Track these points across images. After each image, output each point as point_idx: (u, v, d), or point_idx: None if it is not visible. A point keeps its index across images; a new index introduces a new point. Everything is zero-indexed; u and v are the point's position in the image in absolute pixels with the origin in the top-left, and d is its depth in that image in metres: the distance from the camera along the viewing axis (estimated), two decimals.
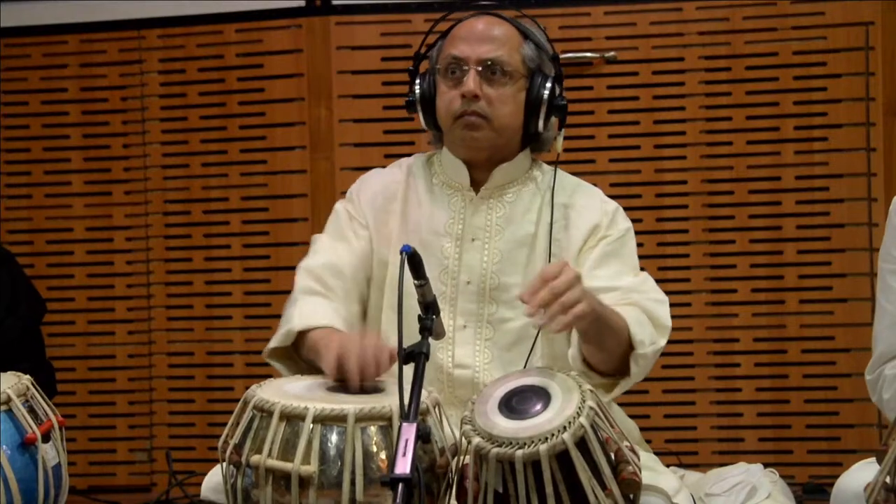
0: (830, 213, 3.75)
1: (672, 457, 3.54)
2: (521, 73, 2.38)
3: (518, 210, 2.44)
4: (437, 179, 2.49)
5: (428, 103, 2.43)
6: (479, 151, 2.42)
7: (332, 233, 2.51)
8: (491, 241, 2.42)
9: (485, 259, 2.41)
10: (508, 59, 2.37)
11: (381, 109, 3.87)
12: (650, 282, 2.40)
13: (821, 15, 3.74)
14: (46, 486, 2.22)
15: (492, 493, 1.89)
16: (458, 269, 2.42)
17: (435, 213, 2.46)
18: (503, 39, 2.38)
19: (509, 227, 2.43)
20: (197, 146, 4.00)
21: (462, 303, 2.41)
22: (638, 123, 3.83)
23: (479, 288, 2.41)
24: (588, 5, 3.83)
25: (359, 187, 2.54)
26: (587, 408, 1.90)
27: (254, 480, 1.93)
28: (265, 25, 3.95)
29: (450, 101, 2.38)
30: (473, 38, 2.38)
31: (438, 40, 2.46)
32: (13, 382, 2.26)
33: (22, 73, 4.06)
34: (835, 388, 3.74)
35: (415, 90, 2.44)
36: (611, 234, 2.42)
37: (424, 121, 2.46)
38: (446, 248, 2.43)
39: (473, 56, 2.37)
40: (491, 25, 2.40)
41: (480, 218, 2.44)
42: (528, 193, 2.45)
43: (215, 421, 3.93)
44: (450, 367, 2.39)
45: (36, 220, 4.07)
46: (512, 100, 2.38)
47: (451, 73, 2.39)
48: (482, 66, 2.36)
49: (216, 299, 3.99)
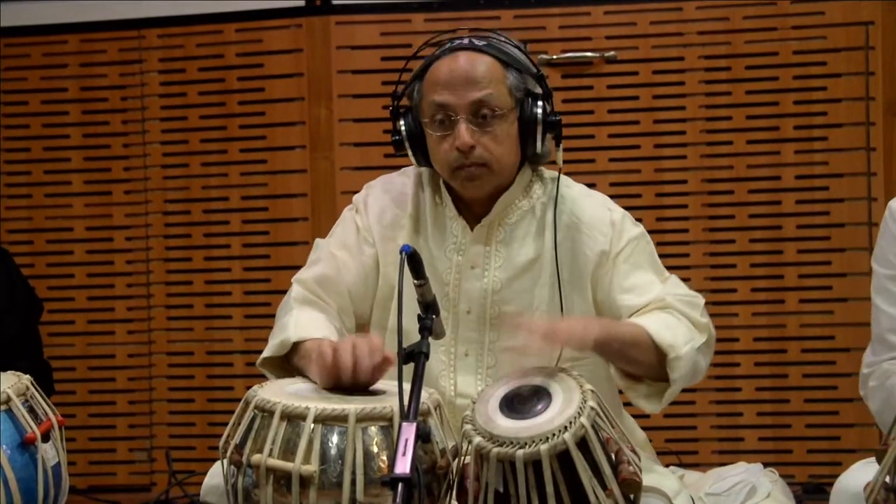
0: (830, 212, 3.75)
1: (672, 456, 3.54)
2: (510, 106, 2.29)
3: (518, 234, 2.37)
4: (439, 199, 2.42)
5: (416, 140, 2.34)
6: (483, 194, 2.35)
7: (338, 241, 2.44)
8: (490, 268, 2.36)
9: (485, 287, 2.36)
10: (496, 98, 2.27)
11: (381, 109, 3.82)
12: (680, 284, 2.36)
13: (821, 15, 3.74)
14: (46, 486, 2.22)
15: (492, 492, 1.88)
16: (458, 298, 2.36)
17: (439, 234, 2.40)
18: (487, 78, 2.28)
19: (508, 253, 2.37)
20: (197, 146, 4.00)
21: (463, 331, 2.36)
22: (638, 123, 3.83)
23: (479, 316, 2.35)
24: (588, 5, 3.83)
25: (366, 199, 2.46)
26: (588, 408, 1.90)
27: (254, 480, 1.93)
28: (265, 25, 3.95)
29: (445, 153, 2.30)
30: (457, 84, 2.27)
31: (415, 79, 2.35)
32: (13, 382, 2.26)
33: (22, 73, 4.06)
34: (834, 387, 3.74)
35: (400, 129, 2.34)
36: (623, 247, 2.34)
37: (415, 160, 2.37)
38: (446, 273, 2.37)
39: (461, 104, 2.26)
40: (472, 63, 2.28)
41: (479, 246, 2.37)
42: (528, 214, 2.38)
43: (215, 421, 3.93)
44: (452, 396, 2.35)
45: (36, 220, 4.07)
46: (506, 138, 2.30)
47: (439, 123, 2.30)
48: (470, 114, 2.27)
49: (216, 299, 3.99)
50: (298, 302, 2.37)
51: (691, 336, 2.25)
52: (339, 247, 2.43)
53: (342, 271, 2.39)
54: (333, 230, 2.48)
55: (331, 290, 2.38)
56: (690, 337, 2.24)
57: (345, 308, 2.39)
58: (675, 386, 2.24)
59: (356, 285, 2.39)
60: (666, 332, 2.20)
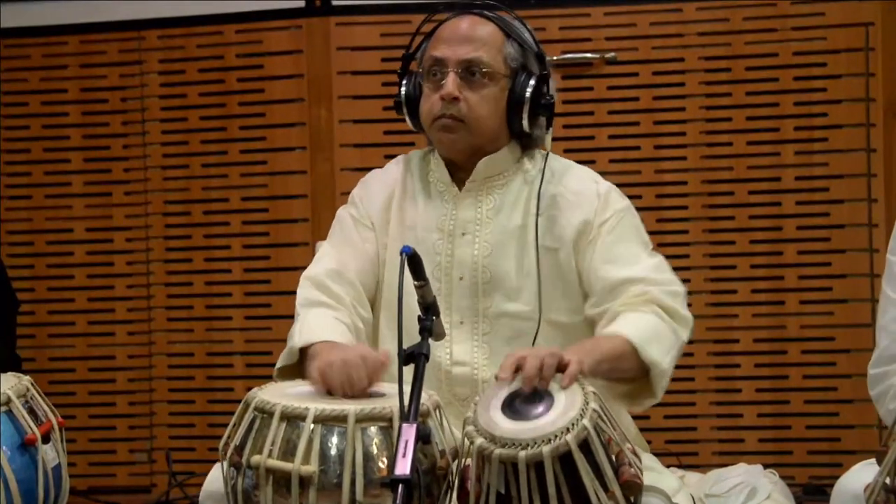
0: (830, 213, 3.75)
1: (672, 457, 3.54)
2: (502, 73, 2.36)
3: (507, 200, 2.41)
4: (432, 176, 2.47)
5: (413, 104, 2.42)
6: (458, 153, 2.40)
7: (337, 239, 2.48)
8: (480, 234, 2.40)
9: (475, 252, 2.39)
10: (488, 60, 2.35)
11: (381, 110, 3.86)
12: (665, 269, 2.36)
13: (821, 15, 3.74)
14: (46, 487, 2.22)
15: (494, 494, 1.88)
16: (451, 265, 2.39)
17: (429, 210, 2.44)
18: (484, 39, 2.37)
19: (497, 219, 2.40)
20: (197, 147, 4.00)
21: (457, 299, 2.39)
22: (638, 124, 3.83)
23: (471, 282, 2.38)
24: (588, 6, 3.83)
25: (360, 190, 2.53)
26: (590, 410, 1.90)
27: (254, 481, 1.93)
28: (265, 26, 3.95)
29: (431, 104, 2.37)
30: (454, 40, 2.37)
31: (424, 41, 2.45)
32: (13, 383, 2.26)
33: (22, 73, 4.06)
34: (835, 388, 3.74)
35: (401, 92, 2.44)
36: (608, 217, 2.37)
37: (411, 122, 2.45)
38: (438, 244, 2.41)
39: (453, 58, 2.35)
40: (473, 25, 2.38)
41: (469, 211, 2.41)
42: (517, 184, 2.42)
43: (215, 422, 3.93)
44: (448, 365, 2.36)
45: (36, 221, 4.06)
46: (492, 101, 2.36)
47: (433, 76, 2.38)
48: (461, 68, 2.35)
49: (216, 300, 3.99)
50: (305, 306, 2.38)
51: (675, 339, 2.26)
52: (339, 241, 2.47)
53: (348, 263, 2.42)
54: (332, 230, 2.52)
55: (343, 281, 2.40)
56: (675, 341, 2.26)
57: (358, 298, 2.41)
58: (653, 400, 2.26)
59: (364, 273, 2.43)
60: (652, 346, 2.20)
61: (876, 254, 3.68)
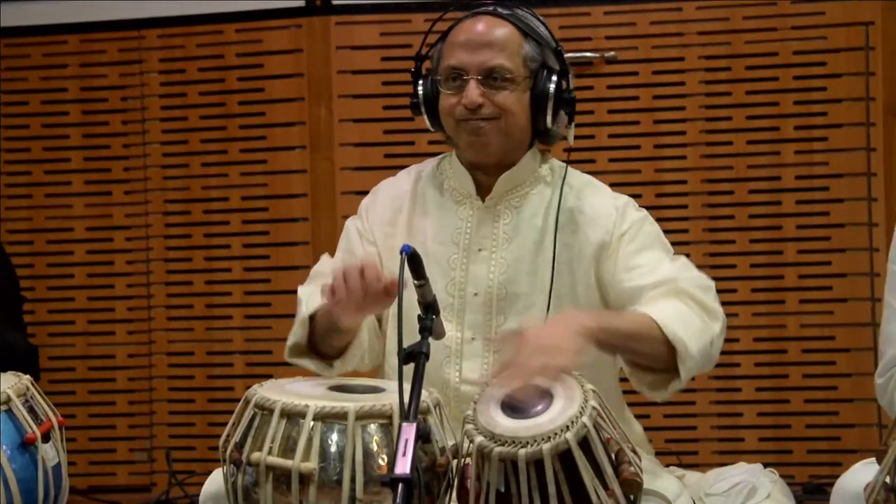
0: (830, 213, 3.75)
1: (672, 457, 3.54)
2: (523, 75, 2.32)
3: (525, 216, 2.37)
4: (447, 185, 2.43)
5: (432, 104, 2.37)
6: (489, 156, 2.36)
7: (342, 250, 2.47)
8: (497, 252, 2.36)
9: (491, 270, 2.36)
10: (509, 65, 2.30)
11: (381, 109, 3.87)
12: (690, 267, 2.32)
13: (821, 15, 3.74)
14: (46, 486, 2.22)
15: (494, 492, 1.88)
16: (466, 281, 2.36)
17: (443, 222, 2.40)
18: (503, 43, 2.31)
19: (516, 236, 2.37)
20: (197, 146, 4.00)
21: (470, 315, 2.35)
22: (638, 123, 3.83)
23: (486, 300, 2.35)
24: (588, 5, 3.83)
25: (368, 202, 2.49)
26: (590, 407, 1.89)
27: (254, 479, 1.93)
28: (265, 25, 3.95)
29: (451, 106, 2.33)
30: (472, 46, 2.31)
31: (438, 41, 2.39)
32: (13, 382, 2.26)
33: (22, 73, 4.06)
34: (835, 388, 3.74)
35: (418, 92, 2.38)
36: (626, 229, 2.34)
37: (430, 122, 2.40)
38: (453, 258, 2.37)
39: (473, 65, 2.30)
40: (490, 28, 2.33)
41: (487, 227, 2.37)
42: (535, 196, 2.39)
43: (215, 421, 3.93)
44: (457, 383, 2.33)
45: (36, 220, 4.06)
46: (517, 102, 2.32)
47: (452, 80, 2.33)
48: (482, 76, 2.30)
49: (216, 299, 3.99)
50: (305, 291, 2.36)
51: (704, 327, 2.20)
52: (344, 252, 2.46)
53: None
54: (339, 240, 2.50)
55: None
56: (703, 328, 2.20)
57: None
58: (680, 383, 2.21)
59: None
60: (677, 325, 2.15)
61: (876, 253, 3.69)
